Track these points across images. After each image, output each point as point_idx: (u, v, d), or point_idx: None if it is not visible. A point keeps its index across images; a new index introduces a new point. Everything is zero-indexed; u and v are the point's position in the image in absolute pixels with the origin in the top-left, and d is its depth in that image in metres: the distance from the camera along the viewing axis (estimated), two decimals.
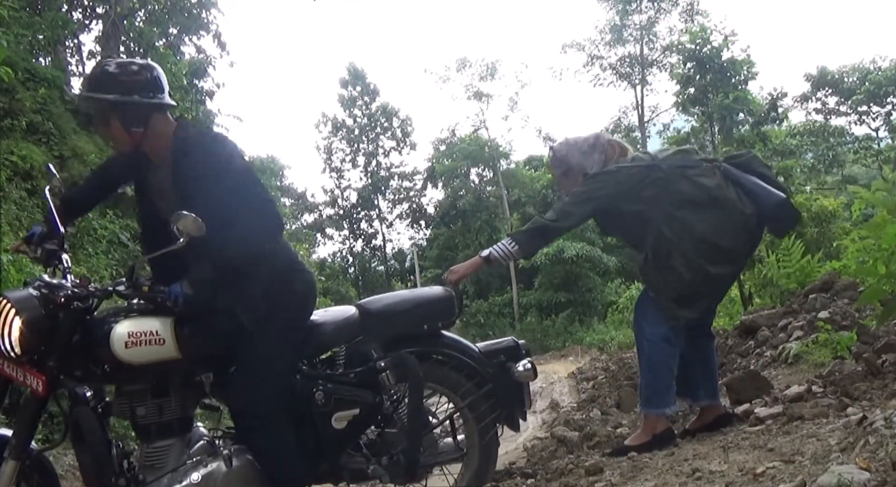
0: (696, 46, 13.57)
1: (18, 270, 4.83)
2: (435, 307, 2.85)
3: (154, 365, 2.23)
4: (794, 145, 22.01)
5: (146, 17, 12.41)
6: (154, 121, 2.34)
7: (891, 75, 24.31)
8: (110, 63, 2.41)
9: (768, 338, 4.80)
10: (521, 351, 2.93)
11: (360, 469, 2.59)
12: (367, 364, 2.58)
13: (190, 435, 2.37)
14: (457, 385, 2.80)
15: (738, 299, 9.86)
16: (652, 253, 2.99)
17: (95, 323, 2.22)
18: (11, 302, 2.08)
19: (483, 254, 3.02)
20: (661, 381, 2.98)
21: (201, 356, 2.34)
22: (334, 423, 2.49)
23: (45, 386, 2.09)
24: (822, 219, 15.33)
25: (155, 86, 2.33)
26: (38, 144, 8.13)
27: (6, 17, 6.47)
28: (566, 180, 3.25)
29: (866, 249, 4.55)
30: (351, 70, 31.02)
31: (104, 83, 2.30)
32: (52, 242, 2.45)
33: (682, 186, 2.96)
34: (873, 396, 2.82)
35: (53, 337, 2.13)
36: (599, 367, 8.30)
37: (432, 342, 2.81)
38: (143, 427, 2.31)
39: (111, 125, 2.32)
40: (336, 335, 2.65)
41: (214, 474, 2.30)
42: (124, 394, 2.30)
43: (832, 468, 1.73)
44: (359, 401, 2.52)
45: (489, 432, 2.80)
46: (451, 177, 29.56)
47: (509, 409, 2.85)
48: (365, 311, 2.73)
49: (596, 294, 23.49)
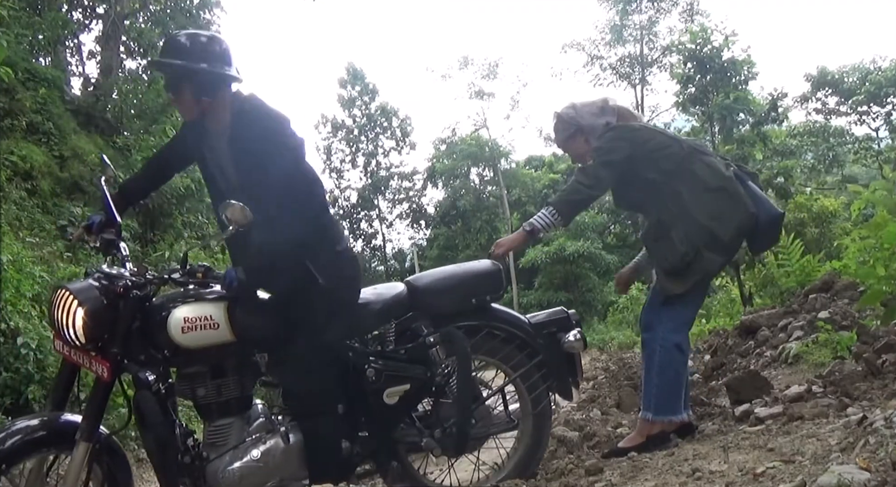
0: (696, 46, 13.54)
1: (18, 270, 4.83)
2: (482, 281, 2.88)
3: (210, 348, 2.31)
4: (795, 145, 21.97)
5: (147, 18, 12.41)
6: (221, 91, 2.42)
7: (891, 75, 24.26)
8: (181, 33, 2.52)
9: (768, 338, 4.80)
10: (572, 321, 2.96)
11: (413, 441, 2.67)
12: (417, 340, 2.65)
13: (249, 413, 2.46)
14: (508, 357, 2.84)
15: (738, 299, 9.85)
16: (656, 223, 3.01)
17: (154, 309, 2.30)
18: (73, 294, 2.15)
19: (526, 228, 2.99)
20: (671, 388, 2.98)
21: (255, 338, 2.42)
22: (386, 399, 2.56)
23: (110, 372, 2.16)
24: (822, 219, 15.34)
25: (223, 59, 2.41)
26: (38, 144, 8.13)
27: (6, 17, 6.47)
28: (573, 144, 3.19)
29: (866, 249, 4.54)
30: (350, 70, 31.02)
31: (176, 50, 2.39)
32: (109, 231, 2.52)
33: (695, 167, 2.98)
34: (873, 396, 2.82)
35: (115, 325, 2.20)
36: (599, 367, 8.29)
37: (481, 315, 2.84)
38: (204, 406, 2.40)
39: (182, 91, 2.41)
40: (386, 312, 2.70)
41: (273, 450, 2.39)
42: (185, 376, 2.39)
43: (832, 468, 1.73)
44: (409, 377, 2.60)
45: (541, 402, 2.86)
46: (452, 176, 29.57)
47: (561, 379, 2.91)
48: (413, 288, 2.78)
49: (596, 294, 23.51)
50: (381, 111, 31.12)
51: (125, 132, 10.01)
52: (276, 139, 2.38)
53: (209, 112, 2.44)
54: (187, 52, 2.37)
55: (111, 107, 10.39)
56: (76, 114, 9.61)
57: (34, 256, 5.66)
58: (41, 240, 6.59)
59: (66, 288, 2.17)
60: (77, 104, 10.18)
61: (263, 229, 2.25)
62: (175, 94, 2.45)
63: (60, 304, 2.15)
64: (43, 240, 6.64)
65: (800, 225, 15.06)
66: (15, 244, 5.46)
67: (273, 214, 2.26)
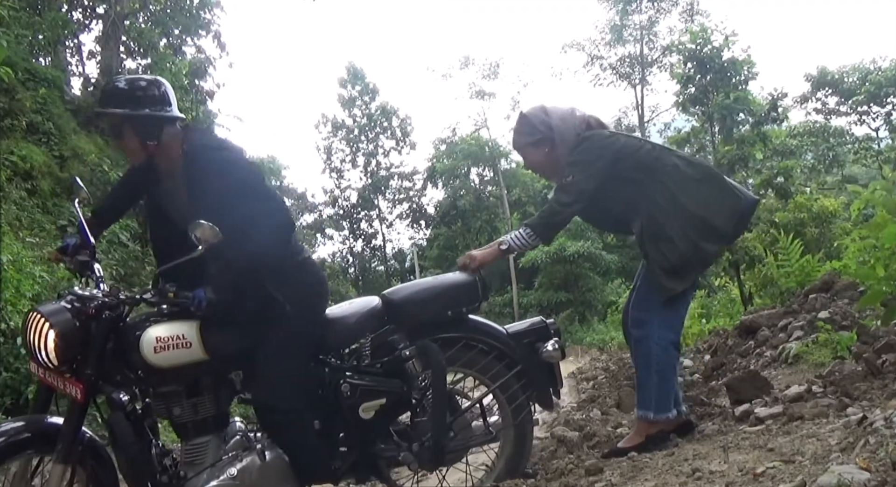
0: (696, 46, 13.53)
1: (18, 270, 4.83)
2: (458, 292, 2.86)
3: (184, 367, 2.31)
4: (795, 145, 21.95)
5: (147, 18, 12.41)
6: (165, 133, 2.43)
7: (891, 75, 24.27)
8: (120, 79, 2.55)
9: (768, 338, 4.79)
10: (550, 330, 2.95)
11: (392, 456, 2.65)
12: (393, 353, 2.64)
13: (226, 431, 2.46)
14: (486, 368, 2.83)
15: (738, 299, 9.86)
16: (648, 221, 2.97)
17: (127, 329, 2.30)
18: (45, 316, 2.16)
19: (502, 246, 2.97)
20: (668, 386, 2.99)
21: (228, 355, 2.42)
22: (362, 413, 2.56)
23: (84, 393, 2.17)
24: (822, 219, 15.32)
25: (163, 100, 2.44)
26: (38, 144, 8.14)
27: (6, 17, 6.47)
28: (534, 151, 3.08)
29: (866, 249, 4.54)
30: (350, 69, 31.06)
31: (116, 98, 2.41)
32: (84, 253, 2.54)
33: (673, 161, 3.00)
34: (873, 396, 2.82)
35: (88, 347, 2.21)
36: (599, 367, 8.29)
37: (458, 327, 2.83)
38: (180, 425, 2.40)
39: (126, 138, 2.43)
40: (361, 326, 2.69)
41: (249, 467, 2.40)
42: (160, 396, 2.39)
43: (832, 468, 1.73)
44: (385, 391, 2.59)
45: (522, 412, 2.85)
46: (452, 176, 29.59)
47: (541, 389, 2.90)
48: (388, 301, 2.77)
49: (596, 294, 23.52)
50: (381, 111, 31.15)
51: None
52: (231, 172, 2.39)
53: (157, 154, 2.46)
54: (128, 98, 2.38)
55: None
56: (76, 114, 9.61)
57: (34, 256, 5.67)
58: (41, 240, 6.60)
59: (37, 311, 2.19)
60: (77, 104, 10.19)
61: (229, 249, 2.27)
62: (120, 141, 2.46)
63: (33, 327, 2.16)
64: (43, 239, 6.65)
65: (800, 225, 15.04)
66: (15, 244, 5.47)
67: (235, 237, 2.26)
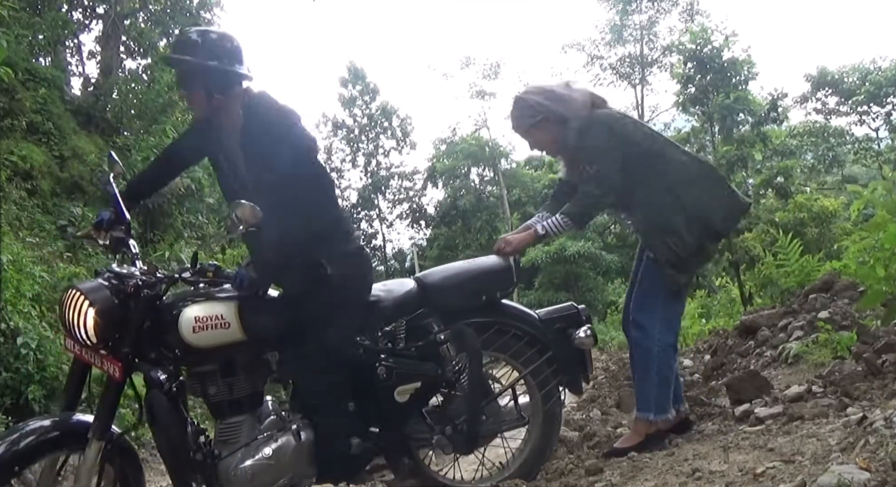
0: (696, 46, 13.53)
1: (18, 270, 4.83)
2: (492, 277, 2.87)
3: (221, 347, 2.31)
4: (795, 145, 21.98)
5: (147, 18, 12.40)
6: (232, 89, 2.42)
7: (891, 75, 24.25)
8: (193, 30, 2.52)
9: (768, 338, 4.79)
10: (581, 316, 2.95)
11: (424, 439, 2.67)
12: (428, 337, 2.64)
13: (261, 411, 2.46)
14: (518, 353, 2.84)
15: (738, 299, 9.86)
16: (653, 215, 2.96)
17: (165, 308, 2.29)
18: (84, 293, 2.15)
19: (540, 231, 2.95)
20: (667, 388, 3.01)
21: (266, 336, 2.42)
22: (397, 397, 2.56)
23: (122, 371, 2.17)
24: (822, 219, 15.34)
25: (233, 56, 2.42)
26: (38, 144, 8.13)
27: (6, 17, 6.46)
28: (538, 132, 3.01)
29: (866, 249, 4.54)
30: (351, 69, 31.03)
31: (188, 47, 2.40)
32: (119, 229, 2.51)
33: (682, 157, 3.01)
34: (873, 396, 2.82)
35: (126, 325, 2.20)
36: (599, 367, 8.26)
37: (492, 311, 2.83)
38: (215, 404, 2.40)
39: (193, 88, 2.42)
40: (396, 309, 2.69)
41: (284, 447, 2.39)
42: (196, 375, 2.39)
43: (832, 468, 1.73)
44: (420, 374, 2.60)
45: (552, 398, 2.86)
46: (452, 176, 29.57)
47: (571, 374, 2.91)
48: (423, 284, 2.77)
49: (596, 294, 23.47)
50: (381, 111, 31.13)
51: (125, 132, 10.01)
52: (285, 136, 2.38)
53: (220, 109, 2.44)
54: (199, 48, 2.37)
55: (111, 107, 10.38)
56: (76, 114, 9.61)
57: (34, 256, 5.67)
58: (41, 240, 6.59)
59: (76, 289, 2.17)
60: (77, 104, 10.18)
61: (274, 226, 2.25)
62: (186, 91, 2.47)
63: (71, 304, 2.15)
64: (43, 239, 6.64)
65: (800, 225, 15.07)
66: (15, 244, 5.46)
67: (283, 211, 2.26)
